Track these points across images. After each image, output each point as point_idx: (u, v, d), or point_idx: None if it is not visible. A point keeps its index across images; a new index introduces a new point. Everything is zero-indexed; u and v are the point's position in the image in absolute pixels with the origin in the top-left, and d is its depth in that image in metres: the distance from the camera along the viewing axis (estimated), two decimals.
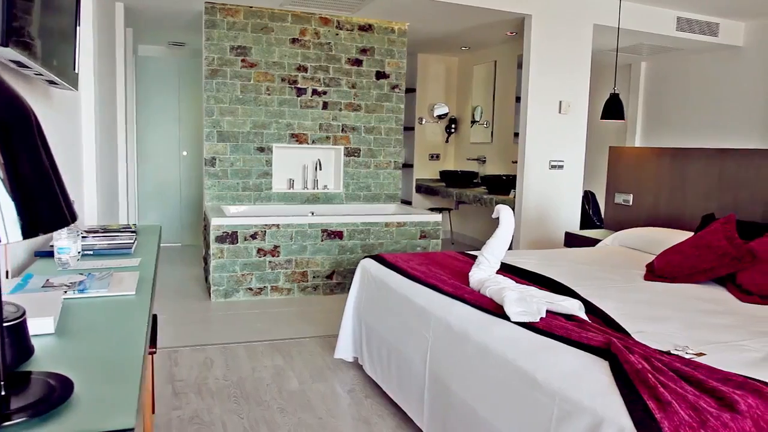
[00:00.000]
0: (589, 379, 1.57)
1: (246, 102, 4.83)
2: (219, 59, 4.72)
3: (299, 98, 4.98)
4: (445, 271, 2.70)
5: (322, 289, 4.43)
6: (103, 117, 3.64)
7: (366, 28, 5.13)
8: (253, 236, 4.19)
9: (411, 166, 6.91)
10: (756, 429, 1.33)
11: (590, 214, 5.35)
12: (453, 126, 6.90)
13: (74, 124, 2.95)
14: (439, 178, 6.79)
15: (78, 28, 2.16)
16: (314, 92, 5.02)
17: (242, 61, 4.79)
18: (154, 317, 2.49)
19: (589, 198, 5.50)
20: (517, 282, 2.41)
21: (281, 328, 3.67)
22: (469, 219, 6.82)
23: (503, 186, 5.48)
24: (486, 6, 4.53)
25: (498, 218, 2.42)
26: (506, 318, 1.99)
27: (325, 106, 5.07)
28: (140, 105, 5.88)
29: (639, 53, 6.20)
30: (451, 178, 6.23)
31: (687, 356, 1.75)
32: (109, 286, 1.53)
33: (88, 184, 3.20)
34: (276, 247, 4.26)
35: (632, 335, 1.91)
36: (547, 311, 2.08)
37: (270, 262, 4.26)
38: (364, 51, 5.14)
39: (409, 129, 6.91)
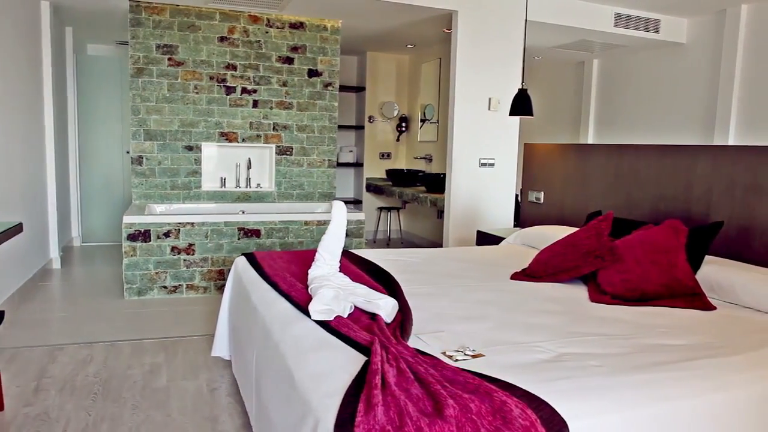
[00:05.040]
0: (334, 379, 1.53)
1: (173, 101, 4.83)
2: (145, 57, 4.73)
3: (228, 96, 4.97)
4: (304, 269, 2.67)
5: None
6: (4, 117, 3.65)
7: (297, 26, 5.11)
8: (167, 234, 4.19)
9: (362, 165, 6.88)
10: None
11: None
12: (404, 124, 6.85)
13: None
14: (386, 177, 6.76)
15: None
16: (244, 90, 5.01)
17: (169, 59, 4.79)
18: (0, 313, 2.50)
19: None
20: (353, 280, 2.37)
21: (181, 325, 3.66)
22: (417, 218, 6.77)
23: (439, 185, 5.43)
24: (411, 2, 4.49)
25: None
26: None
27: (255, 104, 5.06)
28: (84, 104, 5.91)
29: (590, 50, 6.11)
30: (397, 177, 6.19)
31: (463, 357, 1.71)
32: None
33: None
34: (191, 245, 4.26)
35: (422, 335, 1.88)
36: (359, 309, 2.05)
37: (185, 260, 4.26)
38: (295, 49, 5.12)
39: (359, 128, 6.88)
